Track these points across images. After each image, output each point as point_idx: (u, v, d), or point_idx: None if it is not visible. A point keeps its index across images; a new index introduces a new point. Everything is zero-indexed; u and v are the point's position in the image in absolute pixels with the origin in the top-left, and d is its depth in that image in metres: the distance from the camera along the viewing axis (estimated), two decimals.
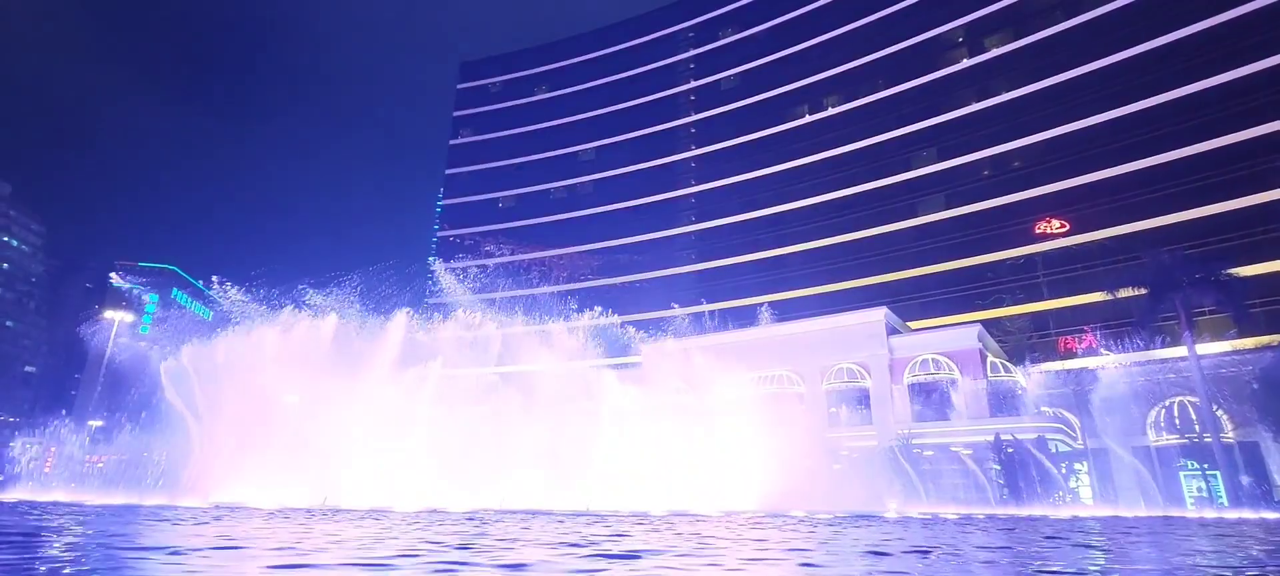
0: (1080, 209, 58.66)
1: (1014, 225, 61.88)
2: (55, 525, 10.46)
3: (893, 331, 48.85)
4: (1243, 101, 52.80)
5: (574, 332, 75.20)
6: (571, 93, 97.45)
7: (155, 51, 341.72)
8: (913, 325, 55.17)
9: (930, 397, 45.97)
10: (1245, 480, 37.96)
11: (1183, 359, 40.68)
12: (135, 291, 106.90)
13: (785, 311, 67.49)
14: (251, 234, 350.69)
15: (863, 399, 48.04)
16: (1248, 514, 29.29)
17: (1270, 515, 27.13)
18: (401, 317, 34.85)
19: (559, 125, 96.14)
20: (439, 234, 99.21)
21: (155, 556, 6.52)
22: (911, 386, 46.36)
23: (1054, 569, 5.67)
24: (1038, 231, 60.29)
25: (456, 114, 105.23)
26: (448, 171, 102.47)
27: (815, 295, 69.45)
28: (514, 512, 18.73)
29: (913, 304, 62.86)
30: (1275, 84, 51.76)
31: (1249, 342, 42.21)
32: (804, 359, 49.69)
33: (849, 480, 43.93)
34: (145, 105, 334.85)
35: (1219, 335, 44.72)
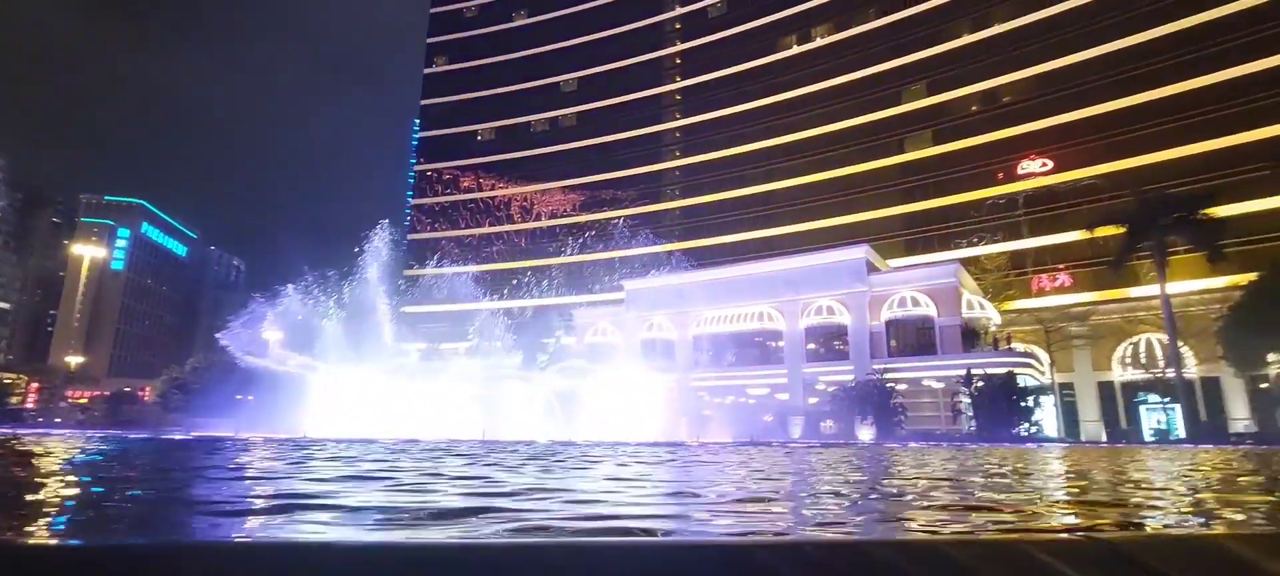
0: (1065, 147, 58.32)
1: (999, 162, 61.53)
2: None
3: (872, 269, 49.04)
4: (1231, 38, 51.95)
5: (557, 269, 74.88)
6: (552, 18, 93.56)
7: None
8: (893, 263, 55.42)
9: (906, 333, 46.61)
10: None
11: (1153, 297, 41.35)
12: (105, 226, 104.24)
13: (769, 249, 67.49)
14: (220, 169, 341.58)
15: (841, 334, 48.62)
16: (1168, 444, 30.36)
17: (1209, 446, 28.06)
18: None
19: (540, 53, 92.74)
20: (416, 168, 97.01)
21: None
22: (888, 322, 46.90)
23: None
24: (1021, 170, 60.03)
25: (430, 40, 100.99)
26: (423, 102, 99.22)
27: (800, 233, 69.33)
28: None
29: (896, 242, 63.01)
30: (1262, 21, 50.92)
31: (1219, 281, 42.89)
32: (785, 295, 49.93)
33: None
34: (100, 32, 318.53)
35: (1190, 274, 45.29)
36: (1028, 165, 59.74)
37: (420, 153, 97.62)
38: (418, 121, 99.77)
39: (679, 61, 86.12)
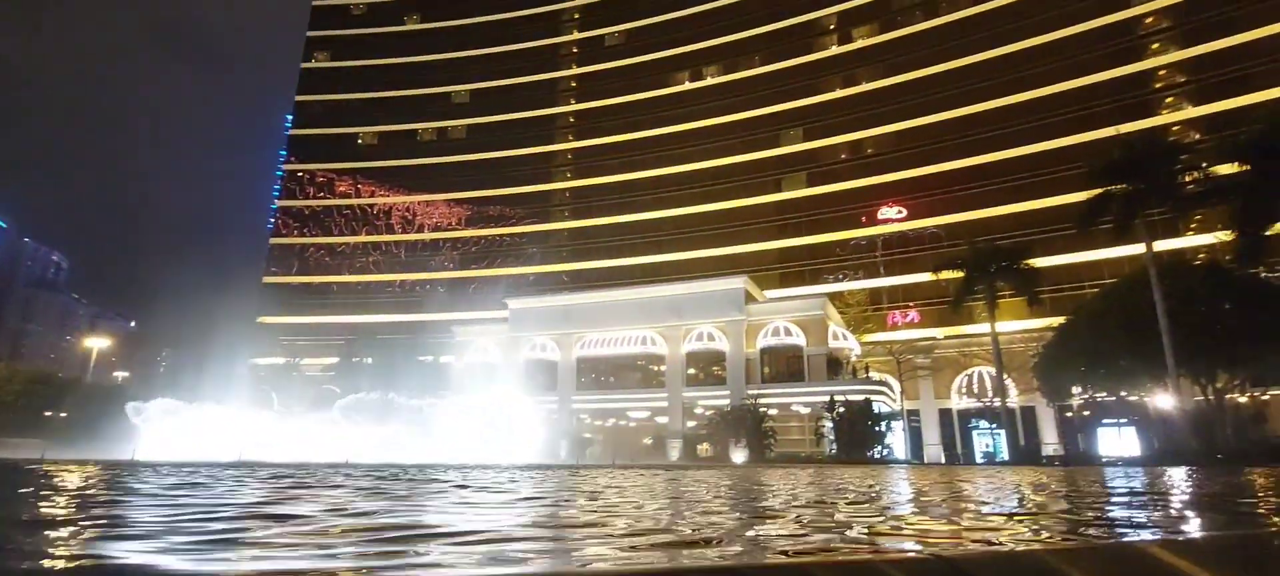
0: (917, 197, 65.14)
1: (862, 207, 67.43)
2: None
3: (749, 298, 51.64)
4: (1048, 116, 60.99)
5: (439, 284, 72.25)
6: (446, 27, 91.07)
7: None
8: (768, 293, 58.69)
9: (778, 361, 49.40)
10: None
11: (985, 334, 46.90)
12: None
13: (655, 274, 69.10)
14: (47, 152, 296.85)
15: (719, 360, 50.58)
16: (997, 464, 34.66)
17: (1023, 466, 32.18)
18: None
19: (431, 61, 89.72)
20: (285, 166, 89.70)
21: None
22: (763, 350, 49.49)
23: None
24: (881, 215, 66.20)
25: (311, 33, 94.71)
26: (298, 98, 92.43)
27: (684, 260, 71.61)
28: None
29: (772, 274, 66.85)
30: (1071, 104, 60.33)
31: (1036, 322, 49.52)
32: (668, 320, 51.22)
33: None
34: None
35: (1014, 315, 51.96)
36: (886, 211, 66.00)
37: (291, 151, 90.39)
38: (290, 117, 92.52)
39: (575, 85, 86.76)
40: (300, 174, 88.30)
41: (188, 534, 3.58)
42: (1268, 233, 29.43)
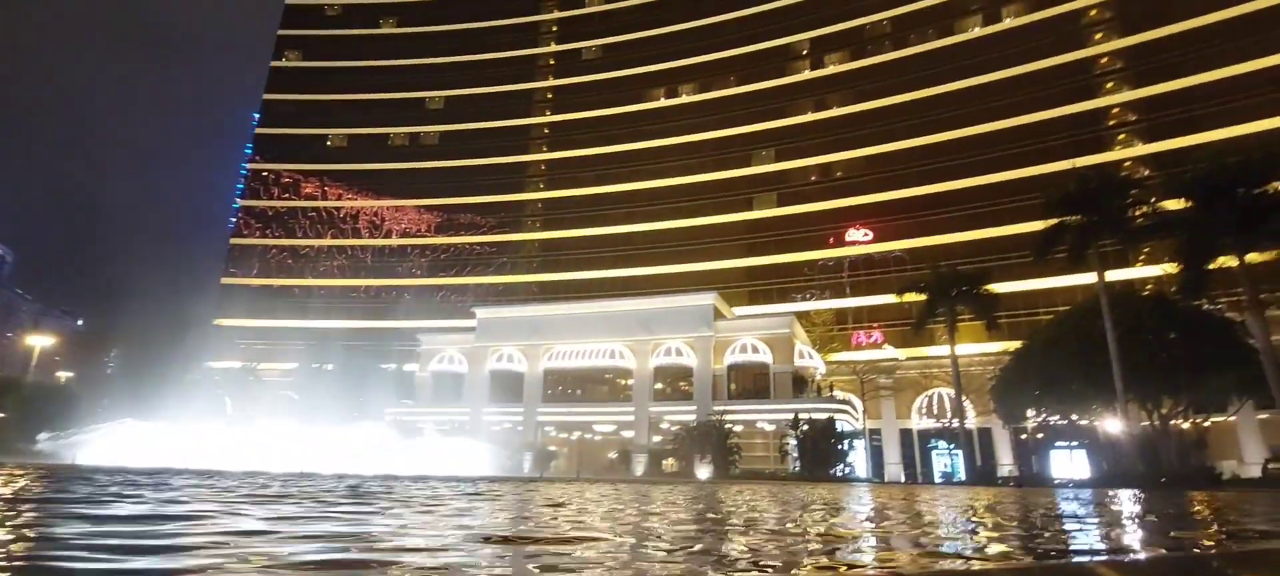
0: (883, 221, 66.66)
1: (830, 228, 68.69)
2: None
3: (718, 315, 51.98)
4: (1004, 149, 63.20)
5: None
6: (422, 32, 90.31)
7: None
8: (737, 310, 59.17)
9: (744, 378, 49.75)
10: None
11: (945, 356, 48.04)
12: None
13: (624, 288, 69.09)
14: (4, 135, 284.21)
15: (686, 376, 50.70)
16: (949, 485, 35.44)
17: (975, 486, 32.92)
18: None
19: (406, 66, 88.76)
20: (250, 165, 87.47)
21: None
22: (730, 366, 49.79)
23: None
24: (848, 237, 67.52)
25: (282, 32, 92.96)
26: (266, 96, 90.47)
27: (654, 276, 71.82)
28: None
29: (740, 291, 67.47)
30: (1026, 138, 62.66)
31: (994, 346, 50.89)
32: (637, 334, 51.21)
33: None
34: None
35: (973, 338, 53.31)
36: (853, 233, 67.36)
37: (257, 150, 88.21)
38: (257, 116, 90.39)
39: (550, 96, 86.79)
40: (266, 173, 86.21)
41: None
42: (1210, 267, 30.82)
